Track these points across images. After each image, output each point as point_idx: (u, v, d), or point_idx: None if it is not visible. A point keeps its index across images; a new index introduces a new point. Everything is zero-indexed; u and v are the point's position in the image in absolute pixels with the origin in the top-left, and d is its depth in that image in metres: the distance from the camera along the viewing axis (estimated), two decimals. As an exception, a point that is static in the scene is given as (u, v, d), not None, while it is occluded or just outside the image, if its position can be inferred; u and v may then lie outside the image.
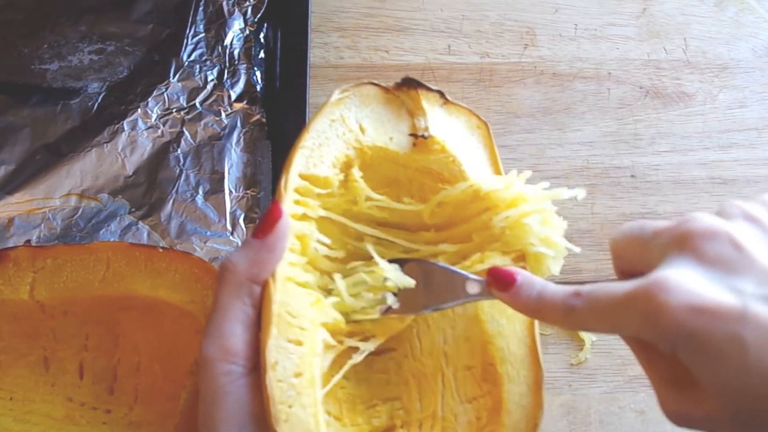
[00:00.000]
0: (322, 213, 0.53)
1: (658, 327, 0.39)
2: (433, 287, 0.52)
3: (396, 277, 0.52)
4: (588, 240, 0.74)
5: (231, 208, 0.72)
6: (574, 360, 0.71)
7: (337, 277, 0.53)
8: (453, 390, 0.55)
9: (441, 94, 0.57)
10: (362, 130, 0.55)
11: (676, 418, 0.43)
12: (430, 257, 0.56)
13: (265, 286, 0.48)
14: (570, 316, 0.44)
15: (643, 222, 0.46)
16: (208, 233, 0.71)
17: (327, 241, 0.53)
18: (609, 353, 0.71)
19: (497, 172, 0.58)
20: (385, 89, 0.56)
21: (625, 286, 0.41)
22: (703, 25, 0.83)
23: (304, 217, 0.52)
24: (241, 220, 0.71)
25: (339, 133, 0.54)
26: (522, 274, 0.48)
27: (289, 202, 0.50)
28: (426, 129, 0.56)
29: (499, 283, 0.49)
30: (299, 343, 0.47)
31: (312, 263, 0.53)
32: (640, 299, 0.40)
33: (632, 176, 0.77)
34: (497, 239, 0.54)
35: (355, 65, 0.79)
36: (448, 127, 0.57)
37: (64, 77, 0.75)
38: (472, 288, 0.51)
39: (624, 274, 0.47)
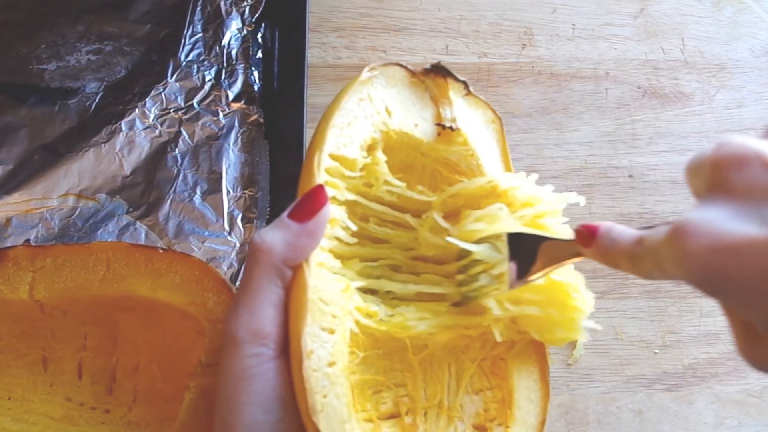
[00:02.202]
0: (350, 196, 0.52)
1: (689, 275, 0.37)
2: (520, 258, 0.50)
3: (487, 254, 0.51)
4: (586, 240, 0.74)
5: (229, 208, 0.72)
6: (570, 360, 0.71)
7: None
8: (459, 380, 0.55)
9: (465, 84, 0.57)
10: (389, 112, 0.53)
11: (755, 364, 0.40)
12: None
13: (297, 269, 0.47)
14: (636, 264, 0.42)
15: (701, 153, 0.41)
16: (206, 233, 0.71)
17: (353, 228, 0.52)
18: (607, 353, 0.71)
19: (508, 168, 0.58)
20: (412, 72, 0.55)
21: (662, 232, 0.39)
22: (700, 25, 0.83)
23: (333, 200, 0.50)
24: (238, 220, 0.71)
25: (367, 114, 0.52)
26: (604, 225, 0.45)
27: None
28: (453, 120, 0.55)
29: (583, 237, 0.46)
30: (332, 332, 0.46)
31: (334, 248, 0.52)
32: (669, 247, 0.38)
33: (630, 176, 0.77)
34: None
35: (353, 65, 0.79)
36: (469, 120, 0.57)
37: (62, 77, 0.75)
38: (561, 249, 0.49)
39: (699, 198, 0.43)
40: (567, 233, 0.53)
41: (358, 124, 0.52)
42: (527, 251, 0.50)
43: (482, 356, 0.55)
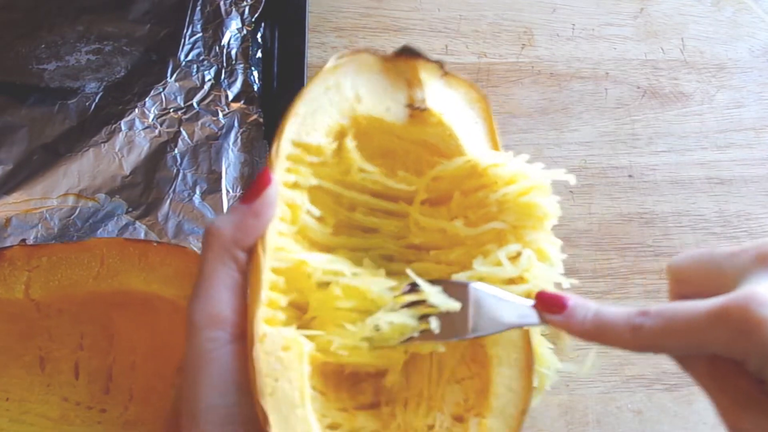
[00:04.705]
0: (314, 182, 0.52)
1: (753, 342, 0.39)
2: (475, 311, 0.49)
3: (441, 300, 0.49)
4: (586, 240, 0.74)
5: (228, 208, 0.72)
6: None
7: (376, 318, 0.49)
8: (441, 369, 0.53)
9: (440, 65, 0.55)
10: (358, 99, 0.53)
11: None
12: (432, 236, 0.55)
13: (252, 254, 0.47)
14: (639, 334, 0.43)
15: (710, 248, 0.46)
16: (206, 233, 0.71)
17: (316, 213, 0.52)
18: (606, 353, 0.71)
19: (495, 147, 0.56)
20: (383, 58, 0.54)
21: (711, 302, 0.41)
22: (700, 25, 0.83)
23: (295, 186, 0.50)
24: (238, 220, 0.71)
25: (333, 101, 0.52)
26: (573, 297, 0.47)
27: (280, 170, 0.49)
28: (423, 101, 0.54)
29: (548, 306, 0.47)
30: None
31: (302, 234, 0.51)
32: (732, 314, 0.40)
33: (630, 176, 0.77)
34: (494, 217, 0.53)
35: (352, 65, 0.79)
36: (446, 100, 0.55)
37: (61, 77, 0.75)
38: (523, 314, 0.48)
39: (683, 299, 0.45)
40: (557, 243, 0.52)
41: (324, 111, 0.51)
42: (483, 307, 0.49)
43: (465, 343, 0.53)
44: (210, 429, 0.44)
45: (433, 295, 0.49)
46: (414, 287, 0.50)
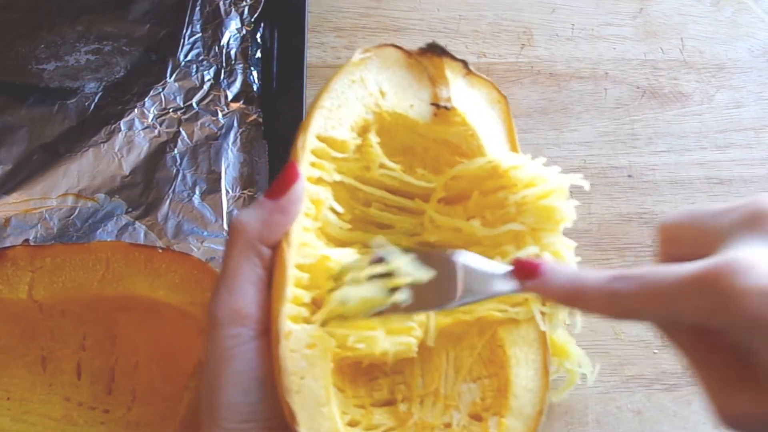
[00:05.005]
0: (338, 177, 0.51)
1: (731, 313, 0.36)
2: (449, 282, 0.47)
3: (410, 270, 0.47)
4: (585, 240, 0.74)
5: (228, 208, 0.72)
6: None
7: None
8: (458, 368, 0.54)
9: (465, 63, 0.56)
10: (382, 94, 0.53)
11: (731, 420, 0.39)
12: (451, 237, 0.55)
13: (277, 249, 0.46)
14: (615, 299, 0.40)
15: (700, 206, 0.42)
16: (205, 233, 0.71)
17: (340, 209, 0.51)
18: (606, 353, 0.71)
19: (514, 149, 0.57)
20: (408, 53, 0.54)
21: (689, 268, 0.38)
22: (700, 25, 0.83)
23: (319, 181, 0.50)
24: (238, 220, 0.71)
25: (358, 96, 0.52)
26: (548, 262, 0.44)
27: (305, 164, 0.49)
28: (449, 100, 0.54)
29: (524, 272, 0.44)
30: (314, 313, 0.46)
31: (322, 229, 0.51)
32: (709, 281, 0.36)
33: (629, 176, 0.77)
34: (513, 219, 0.53)
35: (352, 65, 0.79)
36: (469, 99, 0.56)
37: (61, 77, 0.75)
38: (499, 282, 0.46)
39: (672, 259, 0.42)
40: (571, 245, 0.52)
41: (349, 105, 0.51)
42: (465, 277, 0.47)
43: (482, 343, 0.54)
44: (230, 426, 0.44)
45: (403, 264, 0.47)
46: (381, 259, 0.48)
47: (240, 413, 0.44)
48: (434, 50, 0.54)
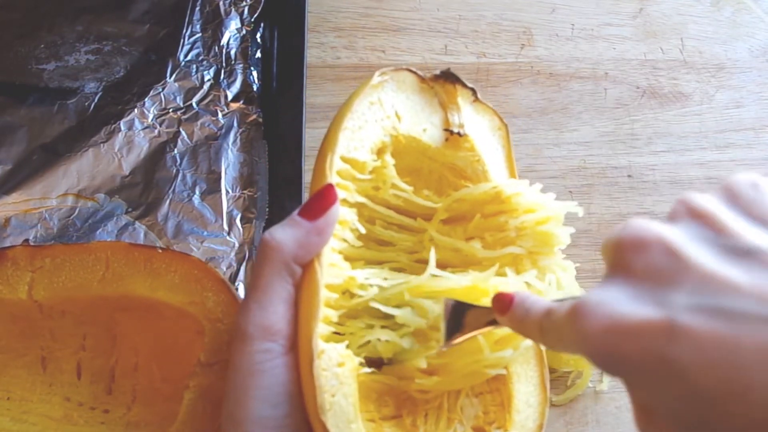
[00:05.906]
0: (360, 199, 0.53)
1: (587, 353, 0.36)
2: (449, 322, 0.50)
3: (407, 319, 0.51)
4: (585, 240, 0.74)
5: (228, 208, 0.72)
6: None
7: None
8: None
9: (474, 92, 0.58)
10: (398, 117, 0.54)
11: None
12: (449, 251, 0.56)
13: (308, 268, 0.48)
14: (544, 336, 0.41)
15: (617, 228, 0.40)
16: (205, 233, 0.71)
17: (362, 230, 0.53)
18: (606, 353, 0.71)
19: (512, 174, 0.59)
20: (421, 78, 0.56)
21: (564, 308, 0.38)
22: (699, 25, 0.83)
23: (343, 202, 0.51)
24: (237, 220, 0.71)
25: (377, 118, 0.53)
26: (519, 295, 0.44)
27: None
28: (462, 126, 0.56)
29: (498, 307, 0.45)
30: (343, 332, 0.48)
31: (342, 249, 0.53)
32: (569, 325, 0.36)
33: (629, 176, 0.78)
34: (511, 242, 0.55)
35: (351, 65, 0.79)
36: (476, 126, 0.58)
37: (61, 77, 0.75)
38: (487, 318, 0.48)
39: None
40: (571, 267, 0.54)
41: (369, 127, 0.53)
42: (455, 316, 0.49)
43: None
44: None
45: (402, 317, 0.51)
46: None
47: (266, 427, 0.45)
48: (448, 77, 0.57)
